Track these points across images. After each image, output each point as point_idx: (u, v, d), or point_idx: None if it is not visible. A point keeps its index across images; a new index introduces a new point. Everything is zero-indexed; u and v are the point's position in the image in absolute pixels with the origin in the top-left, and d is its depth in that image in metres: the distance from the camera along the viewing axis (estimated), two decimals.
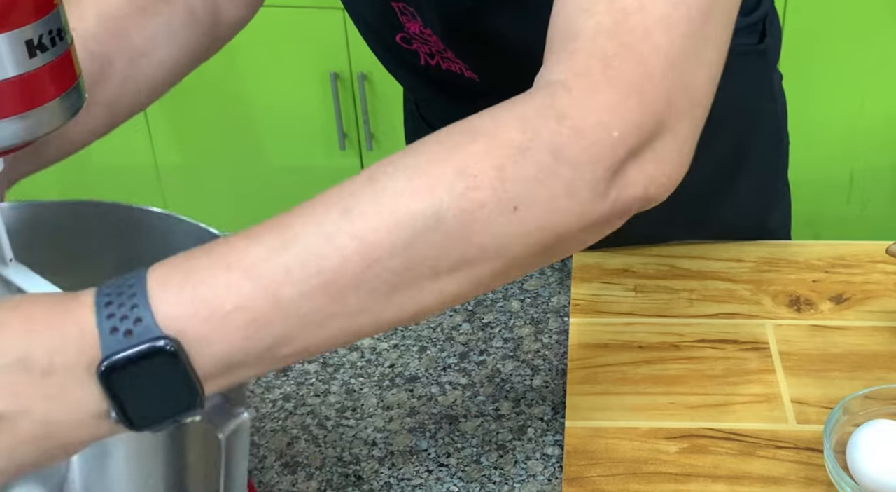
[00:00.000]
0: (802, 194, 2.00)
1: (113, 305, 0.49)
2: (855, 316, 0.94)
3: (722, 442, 0.81)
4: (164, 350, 0.49)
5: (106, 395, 0.49)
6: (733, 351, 0.90)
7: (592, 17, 0.57)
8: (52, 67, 0.53)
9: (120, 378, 0.49)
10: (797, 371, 0.88)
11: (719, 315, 0.94)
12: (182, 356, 0.49)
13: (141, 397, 0.49)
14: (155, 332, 0.49)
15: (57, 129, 0.55)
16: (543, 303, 0.98)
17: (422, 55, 0.91)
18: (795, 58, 1.86)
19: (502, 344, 0.93)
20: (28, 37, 0.52)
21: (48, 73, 0.53)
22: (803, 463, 0.79)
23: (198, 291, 0.50)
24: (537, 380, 0.89)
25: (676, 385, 0.87)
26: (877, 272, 0.99)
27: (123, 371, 0.49)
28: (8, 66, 0.51)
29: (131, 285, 0.50)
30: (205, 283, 0.50)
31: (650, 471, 0.79)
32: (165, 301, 0.49)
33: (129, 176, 2.19)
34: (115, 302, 0.49)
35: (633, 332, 0.93)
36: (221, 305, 0.50)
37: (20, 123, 0.53)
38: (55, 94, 0.54)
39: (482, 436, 0.84)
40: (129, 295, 0.50)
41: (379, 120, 2.09)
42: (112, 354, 0.48)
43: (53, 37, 0.53)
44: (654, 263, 1.01)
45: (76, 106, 0.56)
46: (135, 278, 0.50)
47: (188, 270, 0.51)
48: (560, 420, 0.85)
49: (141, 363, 0.49)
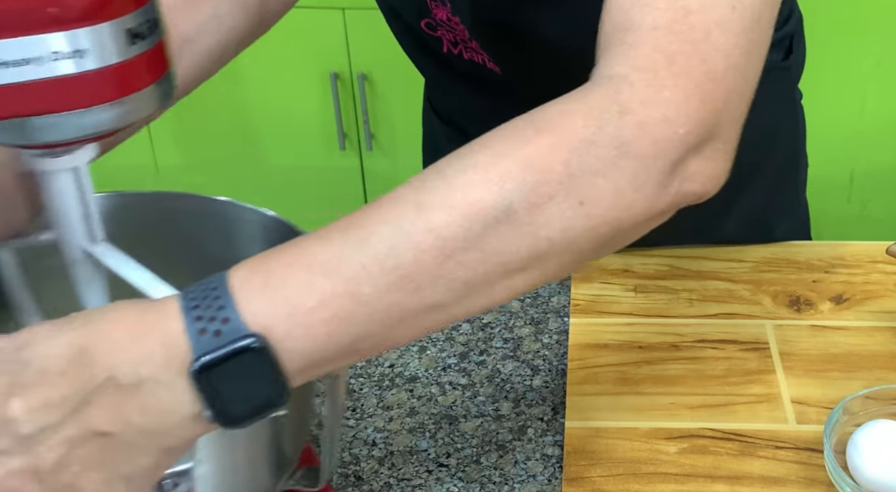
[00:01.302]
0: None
1: (199, 308, 0.51)
2: (855, 316, 0.94)
3: (722, 442, 0.81)
4: (253, 347, 0.50)
5: (199, 395, 0.51)
6: (733, 351, 0.90)
7: (651, 12, 0.58)
8: (148, 56, 0.55)
9: (212, 377, 0.50)
10: (797, 371, 0.88)
11: (719, 315, 0.94)
12: (270, 353, 0.51)
13: (232, 394, 0.51)
14: (243, 330, 0.50)
15: (149, 115, 0.57)
16: (543, 303, 0.98)
17: (445, 43, 0.91)
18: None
19: (502, 344, 0.93)
20: (128, 26, 0.53)
21: (144, 61, 0.55)
22: (803, 463, 0.79)
23: (280, 292, 0.51)
24: (537, 380, 0.89)
25: (676, 385, 0.87)
26: (877, 272, 0.99)
27: (215, 370, 0.50)
28: (110, 54, 0.53)
29: (214, 288, 0.51)
30: (285, 283, 0.51)
31: (650, 471, 0.79)
32: (249, 302, 0.51)
33: (130, 175, 2.19)
34: (202, 305, 0.51)
35: (633, 332, 0.93)
36: (303, 303, 0.51)
37: (118, 109, 0.55)
38: (149, 82, 0.56)
39: (482, 436, 0.84)
40: (214, 297, 0.51)
41: (379, 120, 2.09)
42: (204, 354, 0.50)
43: (150, 26, 0.55)
44: (654, 263, 1.01)
45: (168, 94, 0.58)
46: (216, 282, 0.52)
47: (268, 272, 0.52)
48: (560, 420, 0.85)
49: (232, 361, 0.50)
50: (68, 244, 0.62)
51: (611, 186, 0.55)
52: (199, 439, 0.56)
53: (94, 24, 0.52)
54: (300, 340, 0.51)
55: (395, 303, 0.53)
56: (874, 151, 1.99)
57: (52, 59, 0.51)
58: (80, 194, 0.61)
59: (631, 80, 0.57)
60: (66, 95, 0.53)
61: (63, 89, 0.52)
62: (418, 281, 0.53)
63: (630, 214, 0.56)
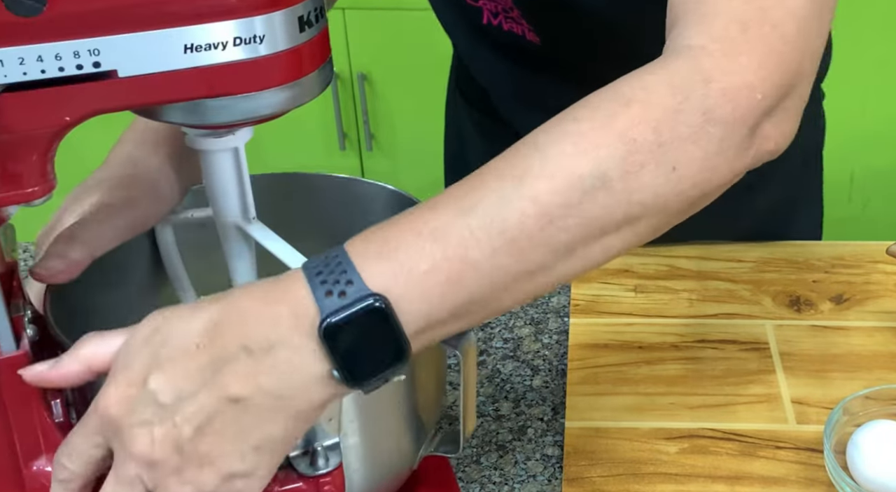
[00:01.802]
0: None
1: (323, 274, 0.54)
2: (855, 316, 0.94)
3: (722, 442, 0.81)
4: (376, 307, 0.53)
5: (328, 355, 0.53)
6: (733, 351, 0.90)
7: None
8: (315, 42, 0.58)
9: (339, 337, 0.53)
10: (797, 371, 0.88)
11: (719, 315, 0.94)
12: (391, 312, 0.54)
13: (358, 353, 0.54)
14: (366, 290, 0.53)
15: (311, 99, 0.60)
16: (543, 303, 0.98)
17: (485, 13, 0.92)
18: None
19: (502, 344, 0.93)
20: (300, 13, 0.56)
21: (311, 48, 0.58)
22: (803, 463, 0.79)
23: (395, 256, 0.54)
24: (537, 380, 0.89)
25: (676, 385, 0.87)
26: (877, 272, 0.99)
27: (342, 329, 0.53)
28: (283, 40, 0.56)
29: (335, 256, 0.54)
30: (399, 249, 0.55)
31: (650, 471, 0.79)
32: (369, 267, 0.54)
33: None
34: (325, 271, 0.54)
35: (633, 332, 0.93)
36: (417, 267, 0.54)
37: (287, 93, 0.58)
38: (315, 67, 0.59)
39: (482, 436, 0.84)
40: (336, 264, 0.54)
41: (379, 120, 2.09)
42: (331, 314, 0.53)
43: (318, 13, 0.58)
44: (654, 263, 1.01)
45: (328, 79, 0.61)
46: (336, 252, 0.55)
47: (382, 240, 0.55)
48: (560, 420, 0.85)
49: (357, 321, 0.53)
50: (224, 221, 0.67)
51: (699, 151, 0.58)
52: (345, 414, 0.61)
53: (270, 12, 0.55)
54: (416, 302, 0.54)
55: (501, 266, 0.56)
56: (874, 151, 1.98)
57: (231, 45, 0.55)
58: (237, 173, 0.66)
59: (710, 51, 0.60)
60: (241, 79, 0.56)
61: (239, 73, 0.56)
62: (522, 245, 0.56)
63: (716, 176, 0.60)
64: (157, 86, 0.54)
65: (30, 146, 0.55)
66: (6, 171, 0.55)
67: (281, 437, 0.54)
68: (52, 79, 0.53)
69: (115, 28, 0.53)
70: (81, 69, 0.53)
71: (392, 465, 0.69)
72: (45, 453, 0.61)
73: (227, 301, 0.55)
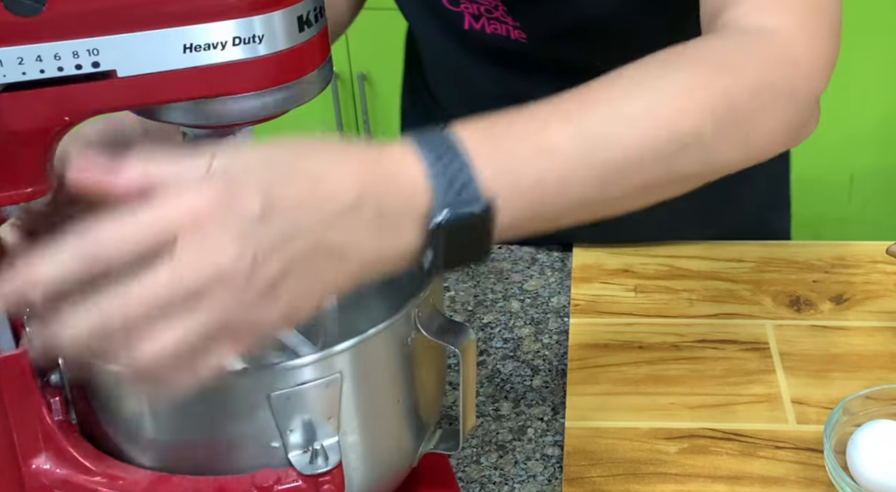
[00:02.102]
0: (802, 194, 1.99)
1: (442, 162, 0.55)
2: (855, 316, 0.94)
3: (722, 442, 0.81)
4: (485, 212, 0.56)
5: (429, 241, 0.55)
6: (733, 351, 0.90)
7: None
8: (314, 42, 0.58)
9: (446, 229, 0.55)
10: (797, 371, 0.88)
11: (719, 315, 0.94)
12: (494, 218, 0.56)
13: (452, 246, 0.56)
14: (479, 194, 0.55)
15: (311, 99, 0.60)
16: (543, 303, 0.98)
17: (467, 18, 0.92)
18: None
19: (502, 344, 0.93)
20: (300, 13, 0.57)
21: (310, 48, 0.58)
22: (803, 463, 0.79)
23: (505, 164, 0.57)
24: (537, 380, 0.89)
25: (676, 385, 0.87)
26: (877, 272, 0.99)
27: (451, 223, 0.55)
28: (282, 39, 0.56)
29: (452, 147, 0.56)
30: (511, 156, 0.57)
31: (650, 471, 0.79)
32: (482, 168, 0.56)
33: None
34: (444, 160, 0.55)
35: (633, 332, 0.93)
36: (523, 180, 0.57)
37: (286, 93, 0.58)
38: (315, 67, 0.59)
39: (482, 436, 0.84)
40: (454, 155, 0.55)
41: (378, 120, 2.09)
42: (446, 207, 0.55)
43: (317, 13, 0.58)
44: (654, 263, 1.01)
45: (328, 79, 0.61)
46: (451, 139, 0.56)
47: (496, 141, 0.57)
48: (560, 420, 0.85)
49: (465, 219, 0.55)
50: None
51: (777, 125, 0.63)
52: (345, 412, 0.62)
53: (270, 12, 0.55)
54: (510, 211, 0.57)
55: (586, 194, 0.59)
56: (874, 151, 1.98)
57: (231, 45, 0.55)
58: None
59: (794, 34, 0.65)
60: (241, 79, 0.56)
61: (238, 73, 0.56)
62: (611, 179, 0.59)
63: (775, 148, 0.64)
64: (156, 86, 0.54)
65: (29, 146, 0.55)
66: (5, 171, 0.55)
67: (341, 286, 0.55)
68: (51, 79, 0.53)
69: (114, 28, 0.53)
70: (81, 69, 0.53)
71: (392, 463, 0.69)
72: (45, 452, 0.61)
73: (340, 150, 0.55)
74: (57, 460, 0.62)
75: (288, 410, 0.60)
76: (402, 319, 0.63)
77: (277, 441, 0.61)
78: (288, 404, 0.60)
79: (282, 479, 0.60)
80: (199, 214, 0.50)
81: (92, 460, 0.62)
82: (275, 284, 0.52)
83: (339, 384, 0.61)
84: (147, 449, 0.62)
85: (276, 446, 0.61)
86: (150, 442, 0.62)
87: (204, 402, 0.59)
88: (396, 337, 0.63)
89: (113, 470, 0.62)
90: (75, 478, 0.62)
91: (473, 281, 1.01)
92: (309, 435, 0.61)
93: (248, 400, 0.60)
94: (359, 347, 0.61)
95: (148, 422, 0.61)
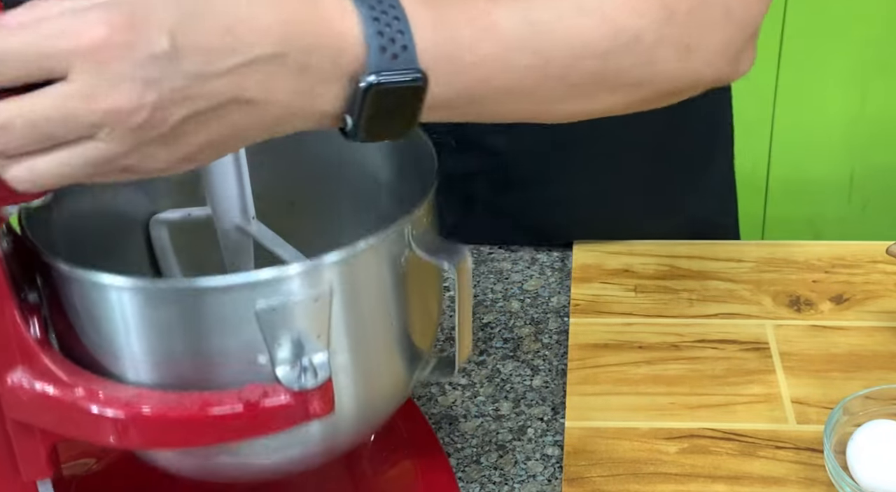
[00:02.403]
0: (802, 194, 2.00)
1: (380, 23, 0.52)
2: (855, 316, 0.94)
3: (722, 442, 0.81)
4: (416, 82, 0.52)
5: (353, 104, 0.52)
6: (733, 351, 0.90)
7: None
8: None
9: (373, 94, 0.52)
10: (797, 371, 0.88)
11: (719, 315, 0.94)
12: (425, 92, 0.53)
13: (374, 115, 0.53)
14: (415, 63, 0.52)
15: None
16: (543, 303, 0.98)
17: None
18: (795, 57, 1.86)
19: (502, 344, 0.93)
20: None
21: None
22: (803, 463, 0.79)
23: (446, 36, 0.54)
24: (537, 380, 0.89)
25: (676, 385, 0.87)
26: (877, 272, 0.99)
27: (379, 88, 0.52)
28: None
29: (393, 6, 0.52)
30: (455, 29, 0.54)
31: (650, 471, 0.79)
32: (422, 37, 0.53)
33: None
34: (382, 21, 0.52)
35: (633, 332, 0.93)
36: (463, 56, 0.54)
37: None
38: None
39: (482, 436, 0.84)
40: (394, 17, 0.52)
41: None
42: (377, 71, 0.51)
43: None
44: (654, 263, 1.01)
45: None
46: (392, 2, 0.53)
47: (439, 10, 0.54)
48: (560, 420, 0.85)
49: (395, 87, 0.52)
50: (223, 221, 0.68)
51: (713, 42, 0.62)
52: (334, 329, 0.59)
53: None
54: (444, 86, 0.54)
55: (523, 84, 0.57)
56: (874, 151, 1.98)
57: None
58: (237, 174, 0.66)
59: None
60: None
61: None
62: (549, 72, 0.57)
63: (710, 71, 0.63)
64: None
65: None
66: None
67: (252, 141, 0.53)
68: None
69: None
70: None
71: (384, 388, 0.67)
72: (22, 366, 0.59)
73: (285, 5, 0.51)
74: (34, 376, 0.59)
75: (275, 323, 0.57)
76: (395, 235, 0.61)
77: (264, 357, 0.58)
78: (274, 317, 0.57)
79: (269, 394, 0.58)
80: (98, 42, 0.46)
81: (71, 376, 0.60)
82: (176, 129, 0.49)
83: (328, 299, 0.59)
84: (129, 367, 0.60)
85: (263, 361, 0.58)
86: (132, 359, 0.59)
87: (187, 314, 0.58)
88: (389, 254, 0.61)
89: (93, 385, 0.59)
90: (54, 393, 0.59)
91: (473, 281, 1.01)
92: (297, 351, 0.59)
93: (232, 312, 0.57)
94: (349, 260, 0.59)
95: (129, 337, 0.59)
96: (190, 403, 0.58)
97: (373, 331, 0.64)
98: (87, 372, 0.60)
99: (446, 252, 0.63)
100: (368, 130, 0.53)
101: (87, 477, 0.76)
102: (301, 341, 0.58)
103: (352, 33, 0.52)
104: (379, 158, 0.73)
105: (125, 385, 0.60)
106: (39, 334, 0.60)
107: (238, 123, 0.51)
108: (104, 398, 0.59)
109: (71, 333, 0.61)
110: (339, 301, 0.59)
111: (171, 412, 0.58)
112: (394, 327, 0.65)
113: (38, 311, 0.60)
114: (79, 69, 0.46)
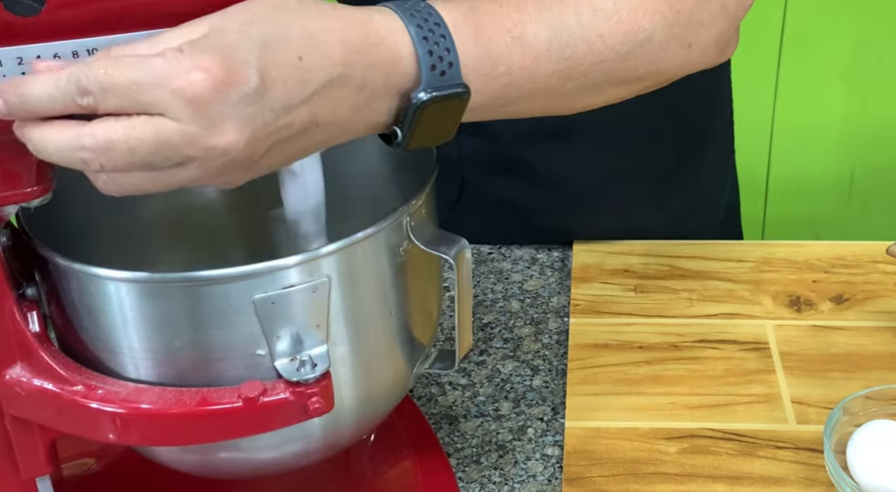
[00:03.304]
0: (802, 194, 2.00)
1: (429, 41, 0.55)
2: (855, 316, 0.94)
3: (722, 442, 0.81)
4: (462, 96, 0.57)
5: (403, 118, 0.56)
6: (733, 351, 0.90)
7: None
8: None
9: (425, 108, 0.55)
10: (797, 371, 0.88)
11: (719, 315, 0.94)
12: (465, 104, 0.57)
13: (424, 127, 0.56)
14: (460, 78, 0.56)
15: None
16: (543, 303, 0.98)
17: None
18: (795, 57, 1.86)
19: (502, 344, 0.93)
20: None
21: None
22: (803, 463, 0.79)
23: (484, 49, 0.58)
24: (537, 380, 0.89)
25: (676, 385, 0.87)
26: (877, 272, 0.99)
27: (430, 103, 0.55)
28: None
29: (438, 25, 0.56)
30: (490, 42, 0.58)
31: (650, 471, 0.79)
32: (464, 52, 0.57)
33: None
34: (431, 40, 0.55)
35: (633, 332, 0.93)
36: (497, 67, 0.58)
37: None
38: None
39: (482, 436, 0.84)
40: (440, 35, 0.56)
41: None
42: (429, 88, 0.55)
43: None
44: (654, 263, 1.01)
45: None
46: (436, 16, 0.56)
47: (477, 24, 0.58)
48: (560, 420, 0.85)
49: (443, 102, 0.56)
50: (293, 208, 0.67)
51: (709, 36, 0.65)
52: (333, 320, 0.60)
53: None
54: (478, 95, 0.58)
55: (551, 85, 0.61)
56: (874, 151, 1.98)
57: None
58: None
59: None
60: None
61: None
62: (574, 73, 0.61)
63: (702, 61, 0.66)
64: None
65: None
66: (5, 170, 0.55)
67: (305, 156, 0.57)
68: None
69: (113, 28, 0.53)
70: None
71: (384, 381, 0.66)
72: (20, 362, 0.59)
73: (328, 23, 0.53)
74: (33, 371, 0.59)
75: (273, 315, 0.58)
76: (393, 226, 0.61)
77: (263, 349, 0.58)
78: (273, 309, 0.57)
79: (268, 391, 0.58)
80: (198, 89, 0.49)
81: (69, 371, 0.60)
82: (261, 157, 0.53)
83: (326, 289, 0.59)
84: (128, 361, 0.60)
85: (262, 353, 0.59)
86: (131, 353, 0.59)
87: (185, 306, 0.57)
88: (388, 245, 0.62)
89: (92, 381, 0.59)
90: (52, 388, 0.59)
91: (474, 281, 1.01)
92: (296, 342, 0.59)
93: (231, 304, 0.57)
94: (347, 251, 0.59)
95: (128, 330, 0.59)
96: (189, 399, 0.58)
97: (372, 322, 0.64)
98: (84, 368, 0.60)
99: (445, 243, 0.64)
100: (415, 139, 0.57)
101: (86, 477, 0.76)
102: (300, 332, 0.58)
103: (403, 52, 0.55)
104: (378, 149, 0.73)
105: (124, 381, 0.60)
106: (38, 330, 0.60)
107: (307, 142, 0.54)
108: (103, 394, 0.59)
109: (70, 329, 0.61)
110: (337, 291, 0.59)
111: (170, 409, 0.58)
112: (393, 318, 0.65)
113: (36, 306, 0.60)
114: (178, 110, 0.49)
